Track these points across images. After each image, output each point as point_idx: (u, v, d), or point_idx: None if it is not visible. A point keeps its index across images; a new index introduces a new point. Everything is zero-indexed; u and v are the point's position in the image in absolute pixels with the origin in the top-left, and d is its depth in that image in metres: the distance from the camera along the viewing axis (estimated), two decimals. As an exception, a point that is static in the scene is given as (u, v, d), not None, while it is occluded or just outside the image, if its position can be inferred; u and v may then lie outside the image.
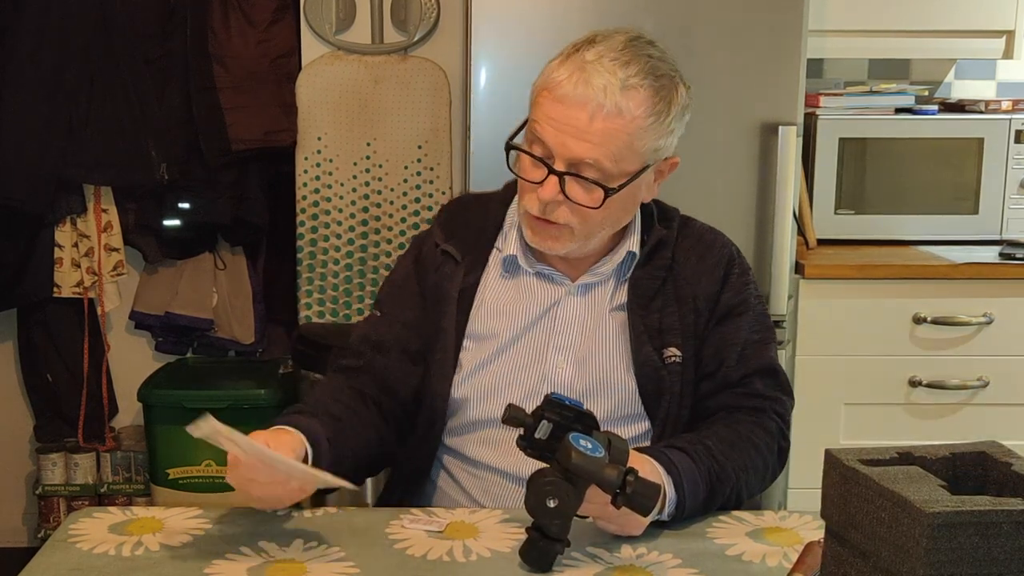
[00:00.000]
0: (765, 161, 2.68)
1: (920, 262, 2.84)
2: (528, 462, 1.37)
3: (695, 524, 1.49)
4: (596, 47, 1.53)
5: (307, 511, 1.51)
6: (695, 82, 1.62)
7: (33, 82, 3.05)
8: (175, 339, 3.41)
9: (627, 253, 1.65)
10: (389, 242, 3.16)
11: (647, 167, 1.56)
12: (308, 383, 3.05)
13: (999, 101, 3.06)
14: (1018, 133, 2.95)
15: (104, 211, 3.23)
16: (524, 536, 1.35)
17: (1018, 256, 2.82)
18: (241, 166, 3.18)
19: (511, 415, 1.36)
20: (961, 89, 3.38)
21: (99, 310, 3.30)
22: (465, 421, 1.65)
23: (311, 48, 3.14)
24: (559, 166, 1.53)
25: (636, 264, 1.66)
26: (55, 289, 3.23)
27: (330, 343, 2.91)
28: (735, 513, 1.54)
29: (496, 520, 1.49)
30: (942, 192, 3.02)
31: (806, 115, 2.87)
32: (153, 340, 3.45)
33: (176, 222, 3.26)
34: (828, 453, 1.13)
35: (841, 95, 3.07)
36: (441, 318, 1.66)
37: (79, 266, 3.25)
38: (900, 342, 2.82)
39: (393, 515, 1.50)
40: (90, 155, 3.12)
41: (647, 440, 1.62)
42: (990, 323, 2.81)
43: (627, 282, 1.65)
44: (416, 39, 3.15)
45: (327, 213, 3.15)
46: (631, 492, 1.30)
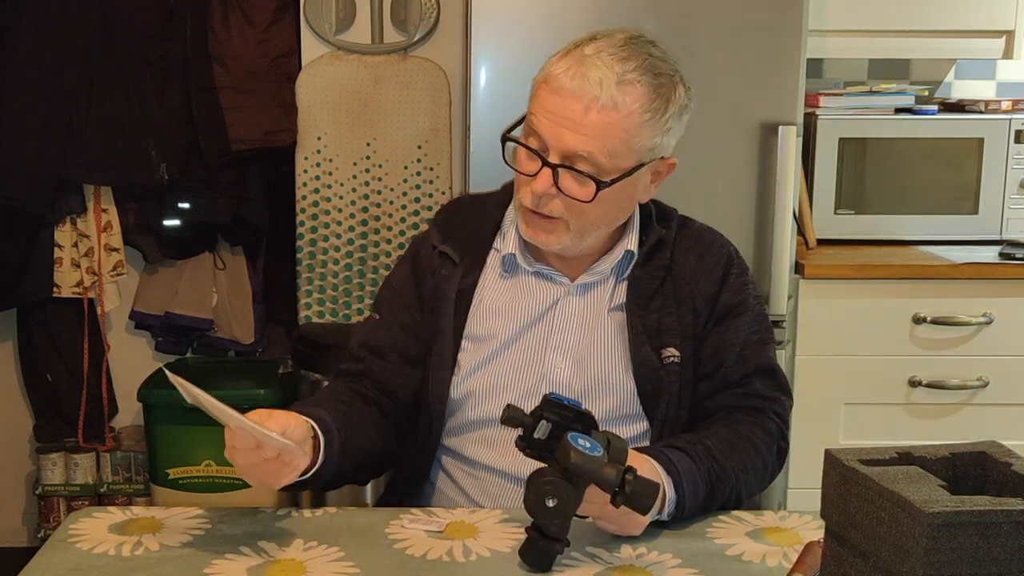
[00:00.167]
0: (765, 161, 2.68)
1: (920, 262, 2.84)
2: (527, 462, 1.37)
3: (695, 524, 1.49)
4: (596, 43, 1.54)
5: (307, 511, 1.51)
6: (695, 82, 1.62)
7: (33, 82, 3.04)
8: (175, 339, 3.41)
9: (625, 252, 1.65)
10: (389, 242, 3.16)
11: (642, 165, 1.56)
12: (308, 383, 3.05)
13: (999, 101, 3.06)
14: (1018, 133, 2.95)
15: (104, 211, 3.23)
16: (524, 536, 1.35)
17: (1018, 256, 2.82)
18: (241, 166, 3.17)
19: (510, 415, 1.36)
20: (961, 89, 3.38)
21: (99, 310, 3.30)
22: (464, 421, 1.65)
23: (311, 48, 3.14)
24: (553, 158, 1.53)
25: (635, 264, 1.65)
26: (55, 289, 3.23)
27: (330, 343, 2.91)
28: (735, 513, 1.54)
29: (496, 520, 1.49)
30: (942, 192, 3.02)
31: (806, 115, 2.87)
32: (153, 340, 3.45)
33: (176, 222, 3.25)
34: (828, 453, 1.13)
35: (841, 95, 3.07)
36: (439, 319, 1.66)
37: (79, 266, 3.24)
38: (900, 342, 2.82)
39: (393, 515, 1.50)
40: (90, 155, 3.11)
41: (646, 440, 1.63)
42: (990, 323, 2.81)
43: (626, 282, 1.65)
44: (416, 39, 3.15)
45: (327, 213, 3.15)
46: (630, 491, 1.30)
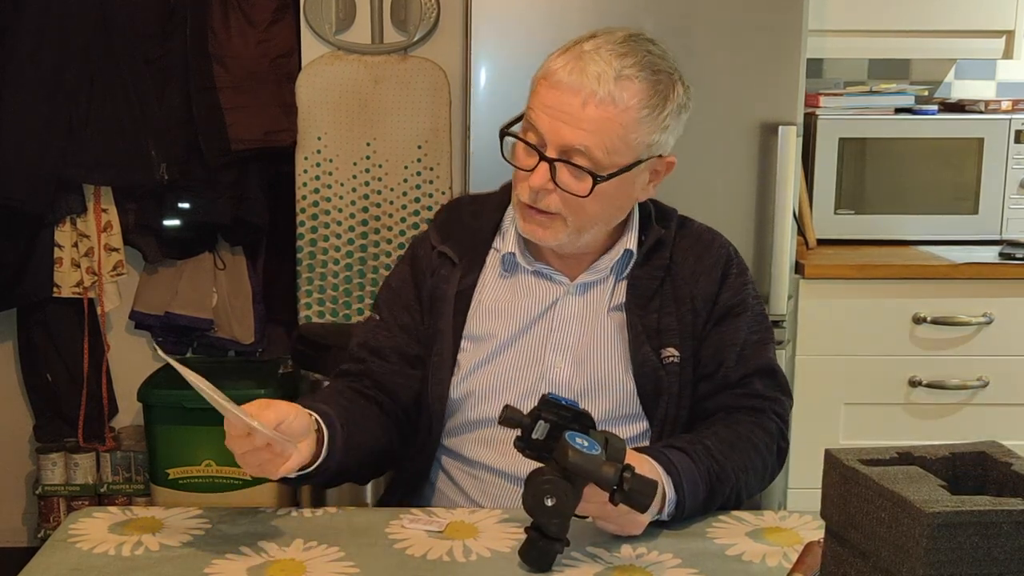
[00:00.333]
0: (765, 161, 2.68)
1: (920, 262, 2.84)
2: (527, 462, 1.37)
3: (695, 524, 1.49)
4: (596, 40, 1.55)
5: (307, 511, 1.51)
6: (695, 82, 1.62)
7: (33, 82, 3.04)
8: (175, 339, 3.40)
9: (624, 251, 1.65)
10: (389, 242, 3.16)
11: (640, 162, 1.56)
12: (308, 383, 3.05)
13: (999, 101, 3.06)
14: (1018, 133, 2.95)
15: (104, 211, 3.23)
16: (524, 536, 1.35)
17: (1018, 256, 2.82)
18: (241, 166, 3.17)
19: (508, 416, 1.36)
20: (961, 89, 3.37)
21: (99, 310, 3.29)
22: (463, 422, 1.65)
23: (311, 48, 3.14)
24: (551, 153, 1.53)
25: (634, 264, 1.65)
26: (55, 289, 3.23)
27: (330, 343, 2.91)
28: (735, 513, 1.54)
29: (496, 520, 1.49)
30: (942, 192, 3.01)
31: (806, 115, 2.87)
32: (153, 340, 3.45)
33: (176, 222, 3.25)
34: (828, 453, 1.13)
35: (841, 95, 3.06)
36: (438, 320, 1.66)
37: (79, 266, 3.24)
38: (900, 342, 2.82)
39: (393, 515, 1.50)
40: (90, 155, 3.11)
41: (646, 440, 1.63)
42: (990, 323, 2.81)
43: (625, 282, 1.65)
44: (416, 39, 3.15)
45: (327, 213, 3.15)
46: (628, 489, 1.30)
